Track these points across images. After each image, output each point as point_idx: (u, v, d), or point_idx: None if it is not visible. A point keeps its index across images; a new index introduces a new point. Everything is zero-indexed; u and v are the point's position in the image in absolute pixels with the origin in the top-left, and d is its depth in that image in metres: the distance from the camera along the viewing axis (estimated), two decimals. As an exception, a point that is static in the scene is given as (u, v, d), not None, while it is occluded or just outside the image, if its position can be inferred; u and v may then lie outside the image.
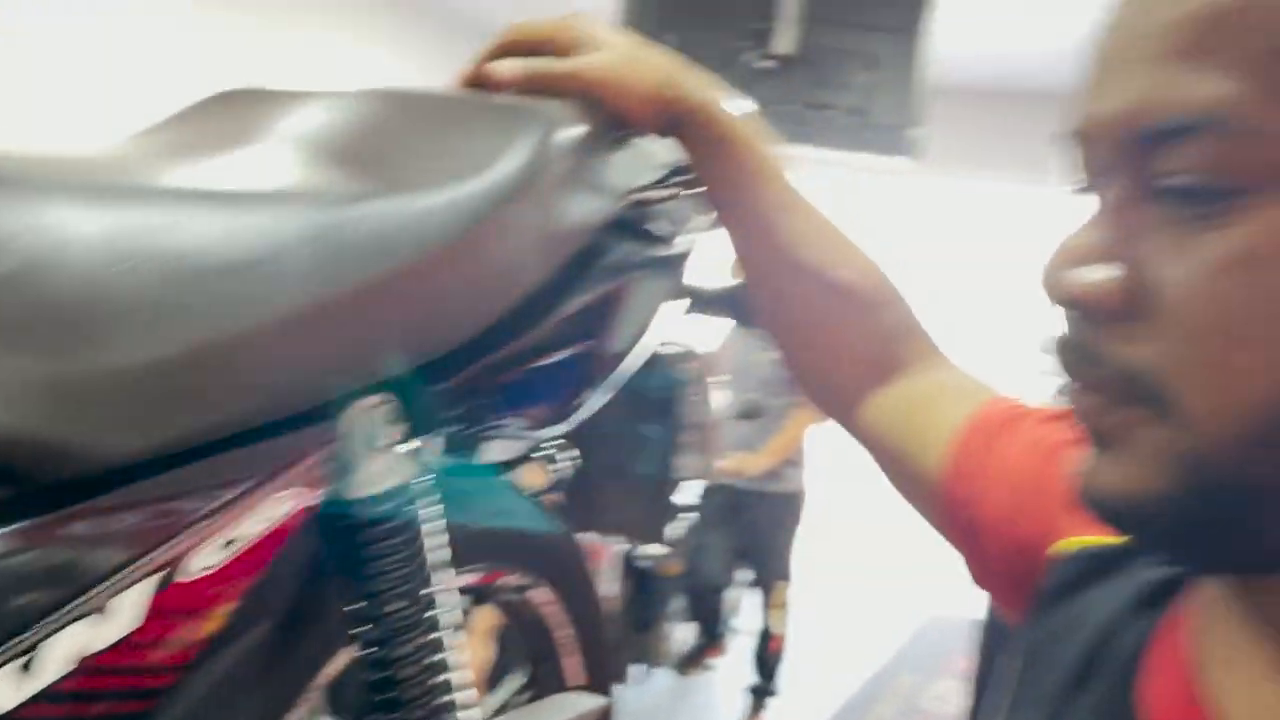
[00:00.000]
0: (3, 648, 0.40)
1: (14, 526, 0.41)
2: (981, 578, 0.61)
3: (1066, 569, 0.49)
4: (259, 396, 0.49)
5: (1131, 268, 0.35)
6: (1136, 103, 0.34)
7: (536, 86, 0.67)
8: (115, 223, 0.45)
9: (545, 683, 0.99)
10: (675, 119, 0.68)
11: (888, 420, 0.67)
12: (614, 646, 1.04)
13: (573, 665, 1.00)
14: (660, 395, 0.94)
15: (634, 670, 3.35)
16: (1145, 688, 0.41)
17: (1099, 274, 0.35)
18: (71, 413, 0.42)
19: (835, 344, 0.69)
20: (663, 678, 3.64)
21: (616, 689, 1.07)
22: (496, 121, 0.64)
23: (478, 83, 0.70)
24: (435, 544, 0.63)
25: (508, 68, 0.67)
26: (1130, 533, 0.37)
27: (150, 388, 0.44)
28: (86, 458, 0.43)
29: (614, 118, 0.68)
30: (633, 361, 0.77)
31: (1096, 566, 0.48)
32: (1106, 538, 0.47)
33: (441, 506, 0.64)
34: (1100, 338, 0.35)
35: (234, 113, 0.68)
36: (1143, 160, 0.34)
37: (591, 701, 0.96)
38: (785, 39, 3.40)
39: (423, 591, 0.62)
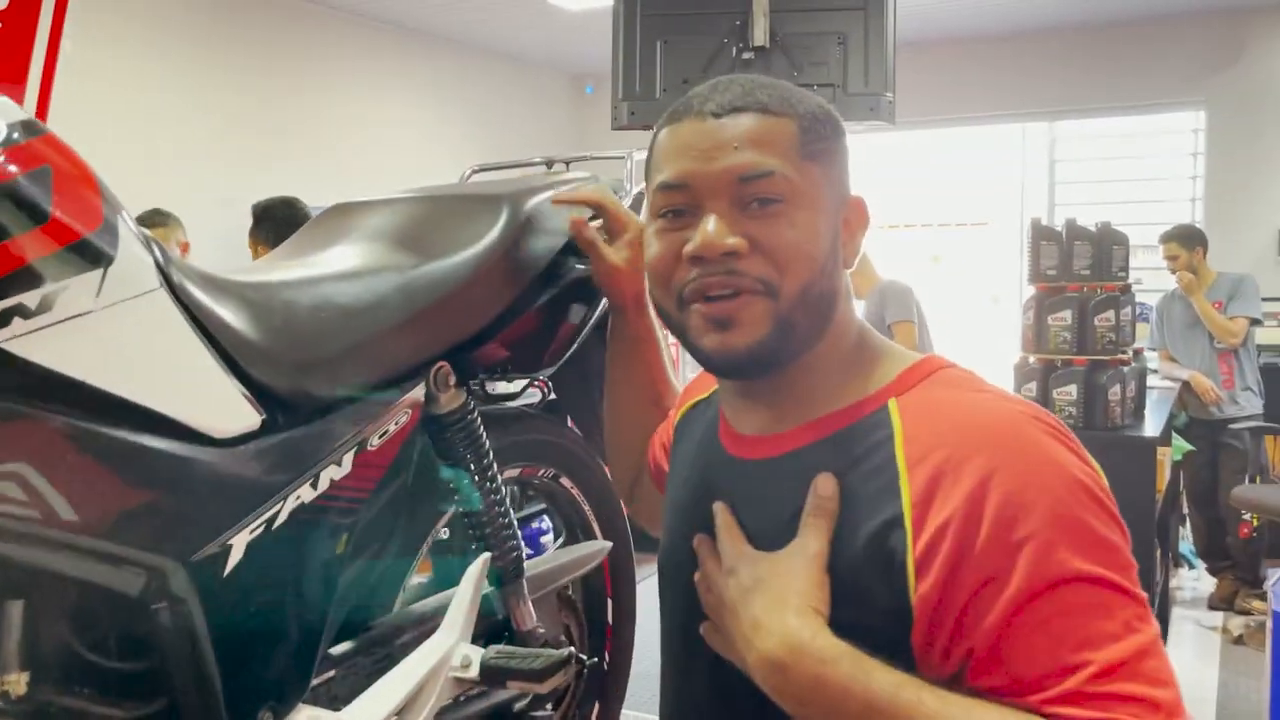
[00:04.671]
0: (299, 477, 0.97)
1: (279, 435, 0.97)
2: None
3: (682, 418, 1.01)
4: (390, 364, 1.07)
5: (742, 235, 0.78)
6: (737, 163, 0.78)
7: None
8: (315, 293, 1.02)
9: (575, 538, 1.55)
10: (635, 298, 1.17)
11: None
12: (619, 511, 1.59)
13: (593, 527, 1.56)
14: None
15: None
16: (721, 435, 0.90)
17: (733, 238, 0.78)
18: (309, 376, 0.99)
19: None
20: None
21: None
22: (484, 208, 1.20)
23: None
24: (485, 444, 1.20)
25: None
26: (740, 372, 0.88)
27: (343, 364, 1.01)
28: (314, 398, 1.00)
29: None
30: (587, 328, 1.33)
31: (695, 413, 0.99)
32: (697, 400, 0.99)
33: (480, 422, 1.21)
34: (737, 265, 0.78)
35: (342, 220, 1.25)
36: (736, 190, 0.78)
37: (600, 544, 1.52)
38: (760, 31, 3.90)
39: (489, 472, 1.19)
